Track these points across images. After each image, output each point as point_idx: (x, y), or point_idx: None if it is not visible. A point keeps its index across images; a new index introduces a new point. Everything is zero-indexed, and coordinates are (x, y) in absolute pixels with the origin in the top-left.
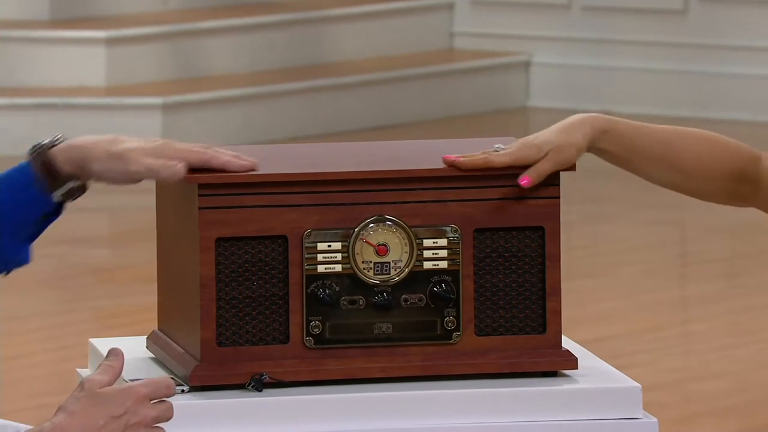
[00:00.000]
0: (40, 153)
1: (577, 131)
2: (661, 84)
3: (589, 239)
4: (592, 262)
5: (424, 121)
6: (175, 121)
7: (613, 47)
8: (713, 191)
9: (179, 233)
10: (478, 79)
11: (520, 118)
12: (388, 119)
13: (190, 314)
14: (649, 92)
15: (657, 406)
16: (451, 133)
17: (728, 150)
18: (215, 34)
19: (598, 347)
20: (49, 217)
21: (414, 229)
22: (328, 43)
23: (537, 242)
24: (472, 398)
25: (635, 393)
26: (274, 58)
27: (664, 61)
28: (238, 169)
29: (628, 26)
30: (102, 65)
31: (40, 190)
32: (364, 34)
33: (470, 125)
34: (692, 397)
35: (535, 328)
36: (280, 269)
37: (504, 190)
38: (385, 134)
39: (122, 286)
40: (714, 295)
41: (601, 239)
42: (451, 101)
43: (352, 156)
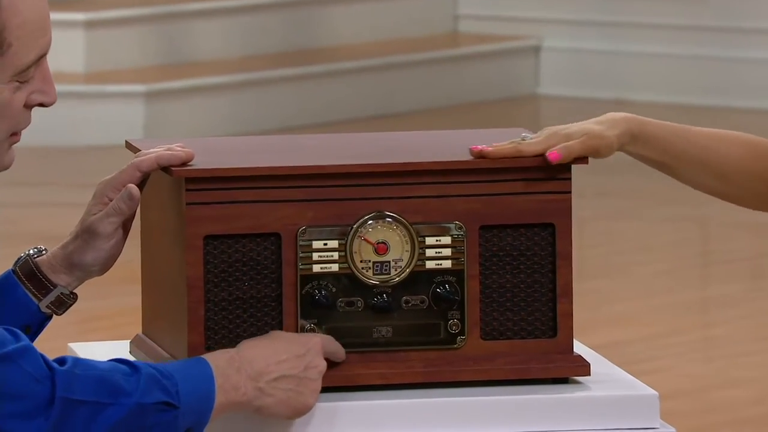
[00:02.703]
0: (26, 261)
1: (611, 128)
2: (679, 70)
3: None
4: (606, 261)
5: (427, 111)
6: (158, 111)
7: (629, 31)
8: (757, 198)
9: (165, 230)
10: (484, 65)
11: (529, 107)
12: (388, 108)
13: (176, 317)
14: (666, 79)
15: (675, 415)
16: (456, 123)
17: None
18: (202, 17)
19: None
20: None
21: (415, 226)
22: (324, 26)
23: (547, 240)
24: (477, 407)
25: (652, 401)
26: (266, 43)
27: (683, 45)
28: (172, 161)
29: (644, 8)
30: (80, 50)
31: (25, 295)
32: (362, 16)
33: (476, 114)
34: (713, 406)
35: (545, 332)
36: (272, 269)
37: (511, 185)
38: (384, 124)
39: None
40: (737, 296)
41: (615, 237)
42: (456, 89)
43: (349, 148)
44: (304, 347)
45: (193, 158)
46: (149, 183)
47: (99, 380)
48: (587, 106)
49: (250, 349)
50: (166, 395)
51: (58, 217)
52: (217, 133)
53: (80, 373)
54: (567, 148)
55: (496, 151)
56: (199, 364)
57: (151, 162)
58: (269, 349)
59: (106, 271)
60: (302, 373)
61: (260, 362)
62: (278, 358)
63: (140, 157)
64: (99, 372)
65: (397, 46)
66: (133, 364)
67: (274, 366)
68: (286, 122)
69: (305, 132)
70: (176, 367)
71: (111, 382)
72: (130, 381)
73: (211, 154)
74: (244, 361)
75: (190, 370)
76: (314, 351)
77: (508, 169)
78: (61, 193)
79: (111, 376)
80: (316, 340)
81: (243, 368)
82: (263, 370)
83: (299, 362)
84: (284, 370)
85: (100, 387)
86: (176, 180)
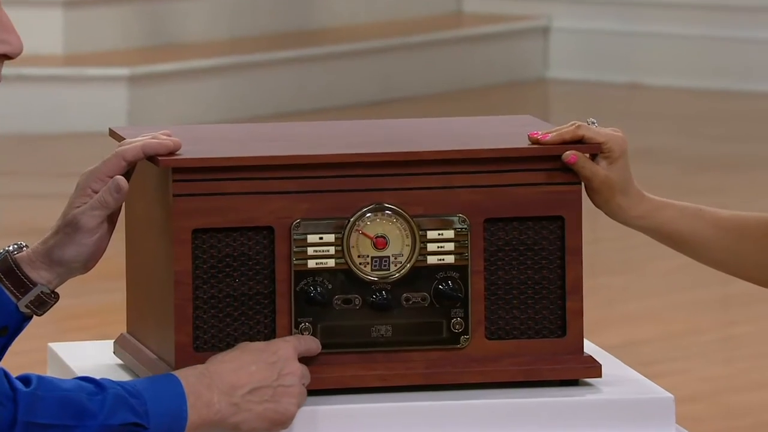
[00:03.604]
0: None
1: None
2: (698, 52)
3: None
4: (620, 256)
5: (428, 96)
6: (143, 96)
7: (644, 10)
8: None
9: (151, 223)
10: (489, 48)
11: (538, 91)
12: (388, 93)
13: (163, 315)
14: (684, 61)
15: (693, 419)
16: (459, 109)
17: None
18: None
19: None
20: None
21: (417, 219)
22: (319, 6)
23: (556, 234)
24: (481, 410)
25: (667, 405)
26: (258, 23)
27: (702, 25)
28: (158, 150)
29: None
30: (59, 31)
31: (2, 294)
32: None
33: (481, 100)
34: (733, 410)
35: (554, 331)
36: (265, 264)
37: (518, 175)
38: (383, 110)
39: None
40: (760, 293)
41: (630, 230)
42: (459, 73)
43: (346, 136)
44: (273, 354)
45: (180, 147)
46: (134, 173)
47: (63, 402)
48: (599, 90)
49: (219, 363)
50: (134, 415)
51: (37, 209)
52: (206, 120)
53: (43, 395)
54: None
55: (555, 137)
56: (169, 382)
57: (137, 151)
58: (238, 362)
59: (90, 268)
60: (276, 382)
61: (230, 376)
62: (248, 369)
63: (125, 146)
64: (63, 393)
65: (397, 27)
66: (99, 382)
67: (245, 378)
68: (279, 108)
69: (299, 119)
70: (144, 385)
71: (75, 404)
72: (95, 401)
73: (200, 142)
74: (215, 376)
75: (159, 388)
76: (285, 356)
77: (515, 159)
78: (40, 184)
79: (75, 396)
80: (284, 344)
81: (214, 384)
82: (235, 384)
83: (271, 371)
84: (256, 381)
85: (65, 409)
86: (163, 170)
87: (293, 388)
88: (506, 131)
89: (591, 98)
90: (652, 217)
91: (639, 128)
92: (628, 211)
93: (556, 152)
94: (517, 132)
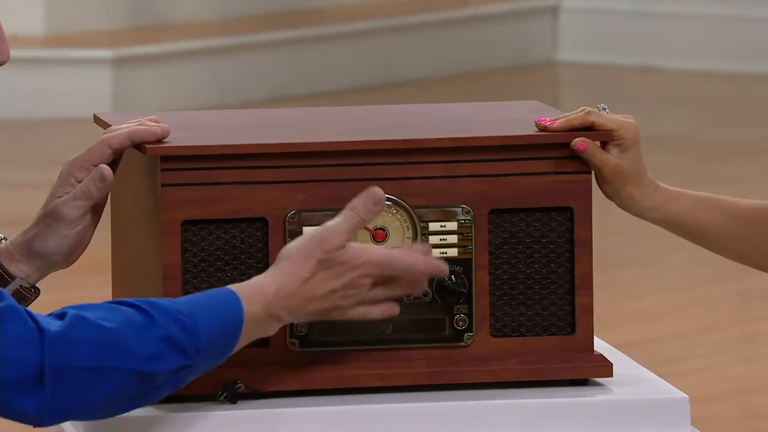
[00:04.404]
0: None
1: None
2: (716, 32)
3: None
4: (632, 248)
5: (431, 80)
6: (127, 79)
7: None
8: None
9: (138, 215)
10: (495, 28)
11: (546, 75)
12: (388, 77)
13: None
14: (701, 42)
15: (711, 422)
16: (463, 94)
17: None
18: None
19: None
20: None
21: (418, 210)
22: None
23: (564, 225)
24: (486, 411)
25: (682, 405)
26: (249, 3)
27: (720, 5)
28: (145, 137)
29: None
30: (39, 10)
31: None
32: None
33: (486, 84)
34: (754, 411)
35: (563, 328)
36: (258, 258)
37: (525, 164)
38: (383, 95)
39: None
40: None
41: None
42: (464, 55)
43: (344, 122)
44: (343, 278)
45: (168, 134)
46: (121, 162)
47: (103, 343)
48: (611, 73)
49: (293, 281)
50: (182, 358)
51: (17, 199)
52: (195, 105)
53: (79, 337)
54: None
55: (564, 123)
56: (232, 309)
57: (123, 138)
58: (310, 287)
59: (73, 262)
60: (345, 292)
61: (297, 301)
62: (314, 295)
63: (110, 133)
64: (103, 335)
65: (397, 6)
66: (150, 314)
67: (312, 304)
68: (273, 93)
69: (294, 104)
70: (204, 313)
71: (118, 345)
72: (141, 341)
73: (189, 129)
74: (283, 301)
75: (218, 315)
76: (360, 278)
77: (521, 147)
78: (19, 173)
79: (119, 337)
80: (366, 267)
81: (279, 311)
82: (299, 309)
83: (333, 298)
84: (324, 301)
85: (104, 350)
86: (150, 159)
87: (357, 297)
88: (512, 117)
89: (602, 82)
90: (666, 208)
91: (653, 114)
92: (641, 202)
93: (564, 140)
94: (524, 118)
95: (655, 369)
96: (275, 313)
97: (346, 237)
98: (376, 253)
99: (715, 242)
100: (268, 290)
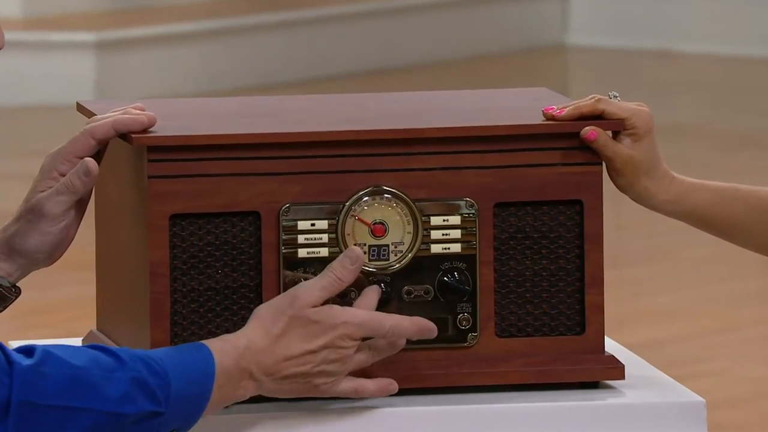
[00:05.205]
0: None
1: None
2: (736, 15)
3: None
4: (646, 243)
5: (434, 65)
6: (111, 64)
7: None
8: None
9: (124, 208)
10: (502, 10)
11: (555, 60)
12: (388, 61)
13: (137, 310)
14: (720, 26)
15: (730, 427)
16: (469, 80)
17: None
18: None
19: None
20: None
21: (419, 204)
22: None
23: (574, 219)
24: (491, 415)
25: (698, 410)
26: None
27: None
28: (131, 126)
29: None
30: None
31: None
32: None
33: (493, 69)
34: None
35: (572, 328)
36: (251, 254)
37: (532, 155)
38: (383, 81)
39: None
40: None
41: (657, 215)
42: (469, 38)
43: (341, 111)
44: (322, 339)
45: (155, 123)
46: (106, 154)
47: (71, 380)
48: (625, 58)
49: (264, 338)
50: (152, 403)
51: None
52: (184, 92)
53: (48, 372)
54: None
55: (572, 111)
56: (202, 360)
57: (107, 128)
58: (282, 345)
59: (56, 260)
60: (325, 358)
61: (270, 358)
62: (289, 355)
63: (94, 123)
64: (72, 372)
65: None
66: (119, 356)
67: (288, 364)
68: (266, 79)
69: (289, 91)
70: (172, 359)
71: (85, 383)
72: (110, 381)
73: (178, 118)
74: (255, 356)
75: (188, 363)
76: (340, 339)
77: (528, 137)
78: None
79: (86, 375)
80: (346, 325)
81: (251, 365)
82: (274, 370)
83: (311, 358)
84: (300, 363)
85: (72, 389)
86: (136, 149)
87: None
88: (519, 106)
89: (615, 67)
90: (682, 201)
91: (669, 101)
92: (656, 194)
93: (573, 129)
94: (531, 106)
95: (670, 371)
96: (247, 368)
97: (319, 294)
98: (357, 314)
99: (736, 234)
100: (239, 343)
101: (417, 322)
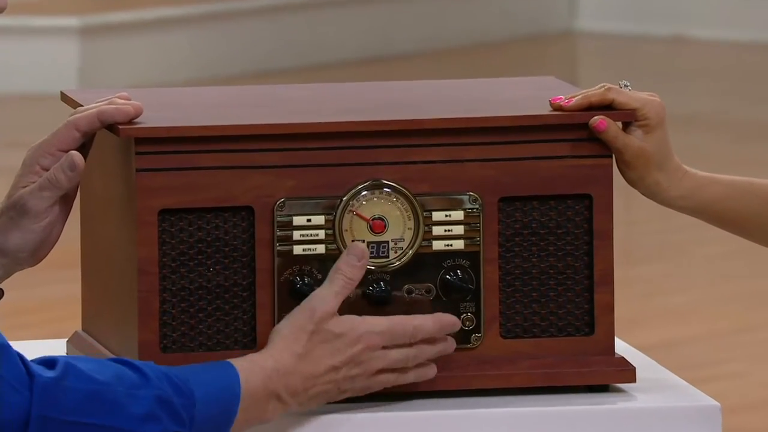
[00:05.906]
0: None
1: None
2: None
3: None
4: (659, 240)
5: (436, 52)
6: (96, 50)
7: None
8: None
9: (110, 203)
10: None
11: (564, 46)
12: (387, 49)
13: (124, 310)
14: (735, 10)
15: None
16: (472, 68)
17: None
18: None
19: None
20: None
21: (420, 198)
22: None
23: (582, 215)
24: (496, 419)
25: (713, 414)
26: None
27: None
28: (117, 117)
29: None
30: None
31: None
32: None
33: (498, 57)
34: None
35: (580, 329)
36: (243, 251)
37: (538, 147)
38: (382, 69)
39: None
40: None
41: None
42: (473, 24)
43: (338, 101)
44: (344, 354)
45: (141, 113)
46: (92, 146)
47: (93, 397)
48: (636, 44)
49: (292, 359)
50: (176, 423)
51: None
52: (173, 80)
53: (70, 386)
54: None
55: (581, 100)
56: (228, 380)
57: (92, 120)
58: (310, 364)
59: (40, 260)
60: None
61: (298, 380)
62: (316, 373)
63: (78, 113)
64: (95, 387)
65: None
66: (144, 372)
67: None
68: (259, 66)
69: (283, 79)
70: (198, 378)
71: (109, 401)
72: (134, 399)
73: (166, 108)
74: (282, 379)
75: (214, 384)
76: (364, 352)
77: (534, 128)
78: None
79: (110, 392)
80: (369, 336)
81: (279, 388)
82: (300, 389)
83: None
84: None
85: (94, 405)
86: (124, 141)
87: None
88: (525, 95)
89: (626, 54)
90: (695, 196)
91: (683, 90)
92: (668, 189)
93: (582, 120)
94: (538, 96)
95: (683, 374)
96: (275, 391)
97: (335, 301)
98: (377, 323)
99: (752, 230)
100: (266, 364)
101: (439, 320)
